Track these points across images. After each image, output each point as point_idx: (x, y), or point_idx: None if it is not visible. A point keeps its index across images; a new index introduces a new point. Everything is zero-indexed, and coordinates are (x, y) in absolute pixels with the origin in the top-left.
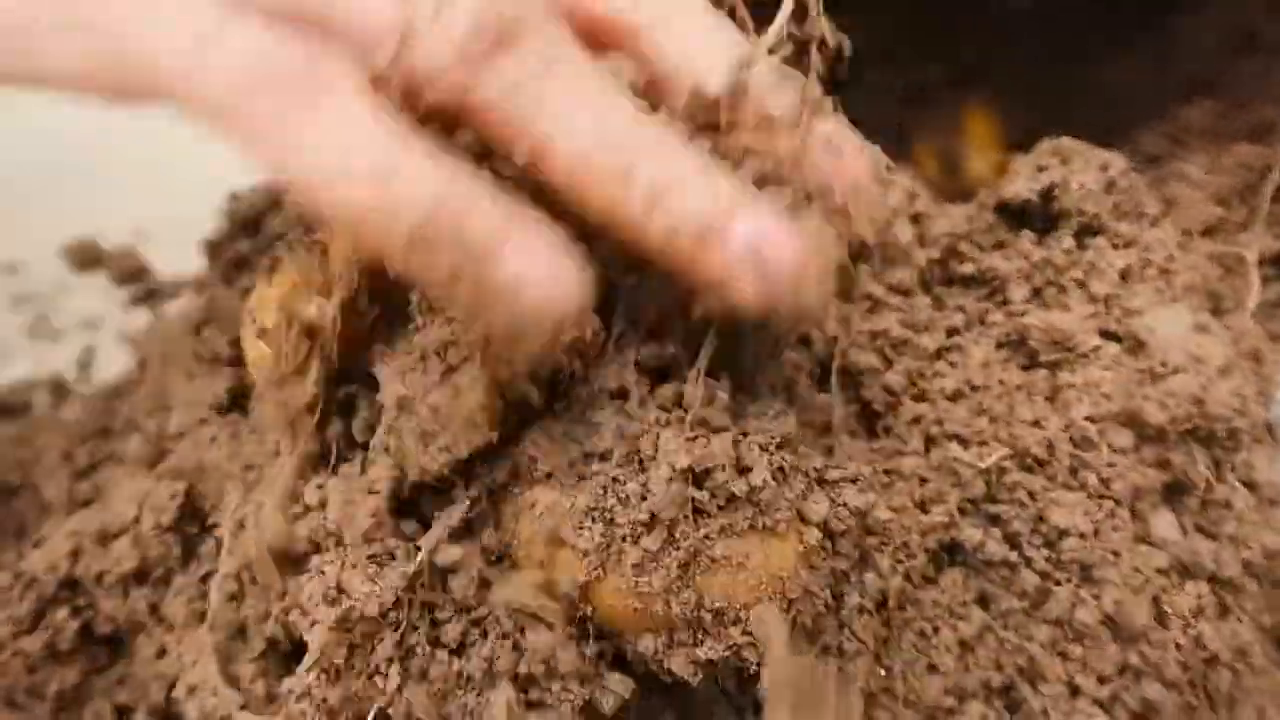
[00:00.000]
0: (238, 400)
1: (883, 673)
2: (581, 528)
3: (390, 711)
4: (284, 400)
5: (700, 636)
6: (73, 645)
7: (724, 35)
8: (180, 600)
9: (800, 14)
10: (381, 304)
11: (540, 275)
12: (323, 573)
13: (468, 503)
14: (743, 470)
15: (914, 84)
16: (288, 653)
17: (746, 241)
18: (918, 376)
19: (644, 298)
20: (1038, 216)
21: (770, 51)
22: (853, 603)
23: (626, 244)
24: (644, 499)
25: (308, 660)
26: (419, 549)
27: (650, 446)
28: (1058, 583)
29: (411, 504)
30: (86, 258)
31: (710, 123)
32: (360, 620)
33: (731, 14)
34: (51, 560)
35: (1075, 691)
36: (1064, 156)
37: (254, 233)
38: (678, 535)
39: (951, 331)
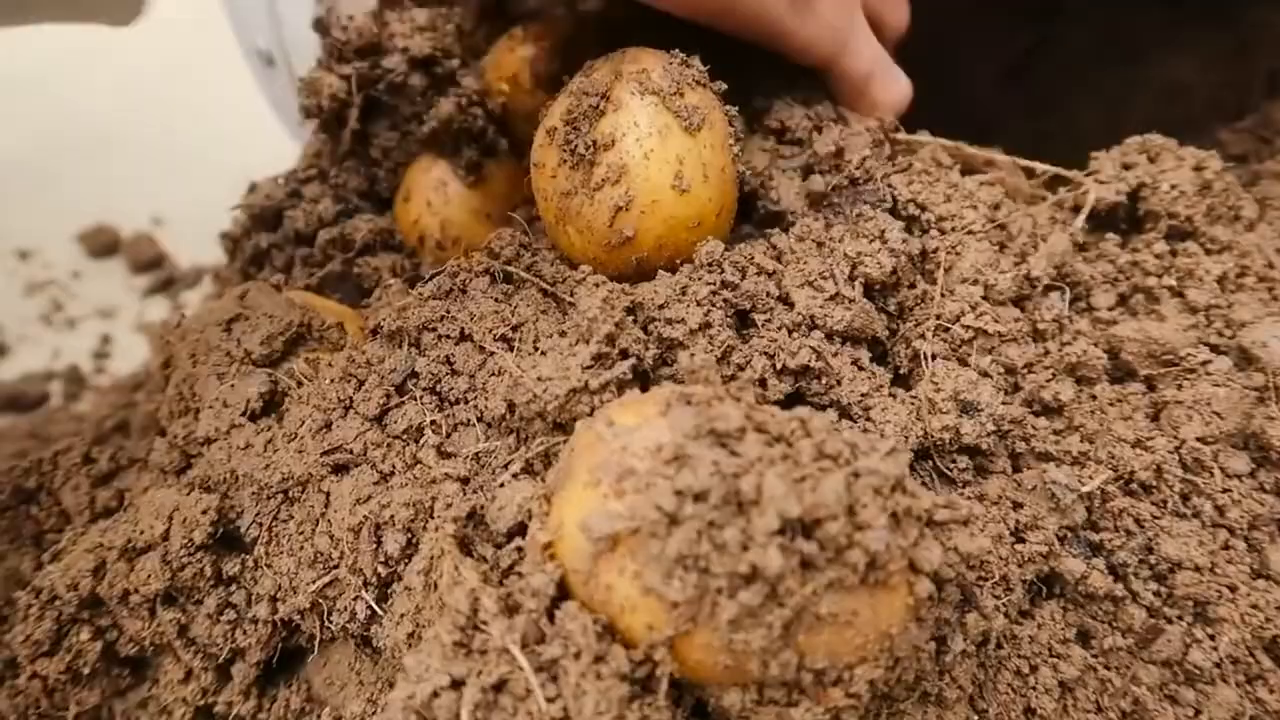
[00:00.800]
0: (271, 404)
1: (976, 718)
2: (671, 576)
3: None
4: None
5: (796, 697)
6: (94, 668)
7: None
8: (212, 622)
9: None
10: None
11: None
12: None
13: None
14: (855, 519)
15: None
16: None
17: None
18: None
19: None
20: (1122, 218)
21: None
22: (956, 648)
23: None
24: (745, 549)
25: None
26: None
27: (752, 489)
28: (1169, 620)
29: None
30: (102, 244)
31: None
32: None
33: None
34: (73, 577)
35: None
36: (1152, 154)
37: (274, 227)
38: (781, 591)
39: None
